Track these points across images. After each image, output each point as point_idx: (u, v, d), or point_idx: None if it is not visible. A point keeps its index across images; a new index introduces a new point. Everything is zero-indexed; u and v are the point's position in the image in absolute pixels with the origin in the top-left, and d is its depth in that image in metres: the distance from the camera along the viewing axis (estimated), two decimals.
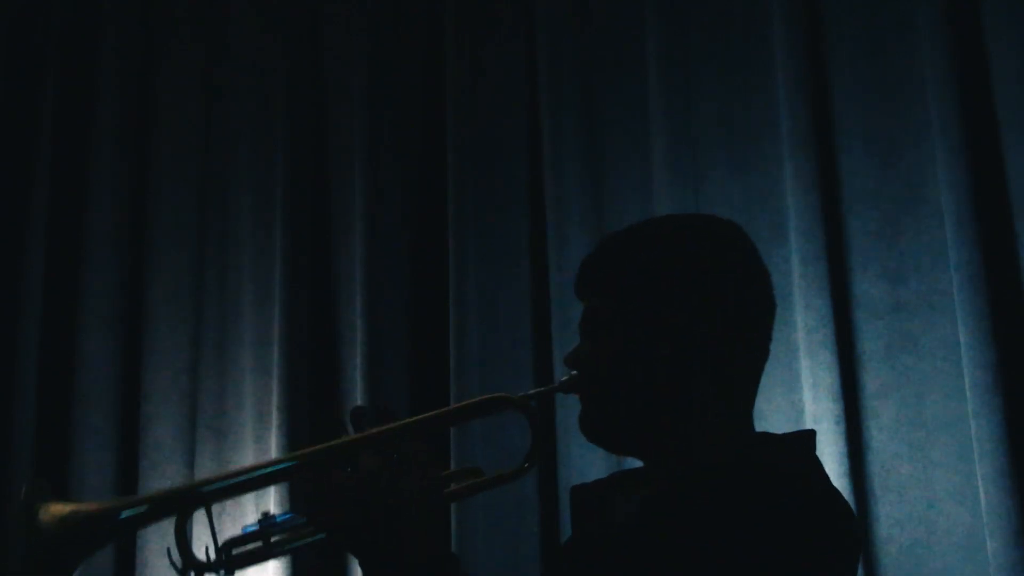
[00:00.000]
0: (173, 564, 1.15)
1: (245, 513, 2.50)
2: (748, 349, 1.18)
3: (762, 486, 1.05)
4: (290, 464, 1.19)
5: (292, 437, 2.60)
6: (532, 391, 1.24)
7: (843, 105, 2.26)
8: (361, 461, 1.11)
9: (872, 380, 2.13)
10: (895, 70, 2.24)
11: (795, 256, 2.19)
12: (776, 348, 2.14)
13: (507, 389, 2.42)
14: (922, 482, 2.05)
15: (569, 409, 2.24)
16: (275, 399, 2.63)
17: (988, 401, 1.96)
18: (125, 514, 1.20)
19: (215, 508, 1.18)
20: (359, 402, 2.55)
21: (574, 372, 1.19)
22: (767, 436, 1.20)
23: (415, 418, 1.19)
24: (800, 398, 2.12)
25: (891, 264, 2.15)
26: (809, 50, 2.27)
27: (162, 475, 2.74)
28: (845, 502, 1.13)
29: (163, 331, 2.84)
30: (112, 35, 2.99)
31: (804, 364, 2.13)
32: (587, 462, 2.28)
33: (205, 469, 2.71)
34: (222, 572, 1.16)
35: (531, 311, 2.51)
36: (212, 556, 1.15)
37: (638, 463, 1.27)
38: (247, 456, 2.70)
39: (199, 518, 1.20)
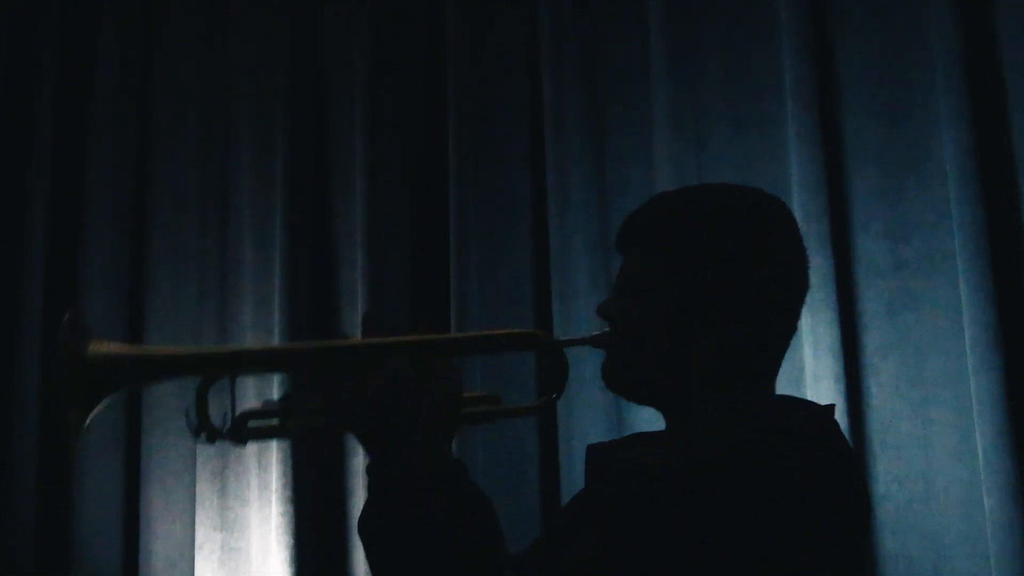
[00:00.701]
0: (189, 425, 1.17)
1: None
2: (780, 325, 1.20)
3: (781, 448, 1.07)
4: (329, 349, 1.21)
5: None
6: (564, 338, 1.25)
7: (847, 63, 2.24)
8: (393, 362, 1.14)
9: (872, 338, 2.13)
10: (900, 28, 2.22)
11: (798, 214, 2.16)
12: None
13: (508, 352, 2.45)
14: (921, 440, 2.06)
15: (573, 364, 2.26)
16: None
17: (988, 359, 1.96)
18: (160, 362, 1.22)
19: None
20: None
21: (606, 329, 1.21)
22: (788, 399, 1.23)
23: (449, 335, 1.24)
24: (800, 356, 2.12)
25: (893, 223, 2.15)
26: (813, 7, 2.25)
27: (165, 432, 2.76)
28: (860, 472, 1.15)
29: (165, 292, 2.85)
30: None
31: (805, 322, 2.13)
32: (588, 419, 2.30)
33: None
34: (234, 441, 1.18)
35: (532, 273, 2.51)
36: (228, 424, 1.17)
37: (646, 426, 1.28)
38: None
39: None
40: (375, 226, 2.61)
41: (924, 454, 2.06)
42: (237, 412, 1.18)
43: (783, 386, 1.24)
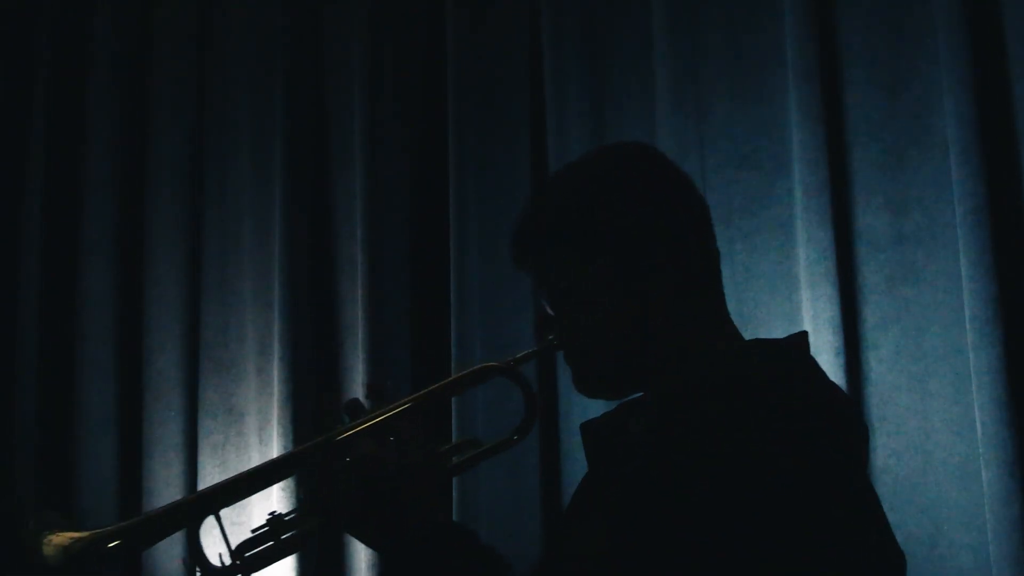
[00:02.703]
0: (187, 573, 1.17)
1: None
2: (697, 253, 1.19)
3: (760, 387, 1.06)
4: (288, 461, 1.23)
5: (294, 369, 2.62)
6: (517, 356, 1.25)
7: (849, 35, 2.22)
8: (359, 448, 1.14)
9: (872, 312, 2.13)
10: (901, 1, 2.20)
11: (798, 188, 2.18)
12: (777, 280, 2.20)
13: (506, 321, 2.46)
14: (920, 413, 2.07)
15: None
16: (276, 331, 2.64)
17: (988, 333, 1.96)
18: (132, 536, 1.21)
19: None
20: (360, 336, 2.56)
21: (551, 336, 1.21)
22: (761, 341, 1.22)
23: (408, 399, 1.21)
24: (800, 329, 2.12)
25: (894, 196, 2.14)
26: None
27: (166, 407, 2.77)
28: (845, 396, 1.14)
29: (163, 264, 2.84)
30: None
31: (805, 296, 2.14)
32: (590, 411, 2.30)
33: (209, 401, 2.74)
34: (239, 575, 1.19)
35: None
36: (227, 561, 1.18)
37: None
38: (250, 388, 2.72)
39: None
40: (374, 198, 2.60)
41: (923, 427, 2.06)
42: (232, 546, 1.19)
43: None
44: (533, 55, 2.56)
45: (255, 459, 2.69)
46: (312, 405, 2.61)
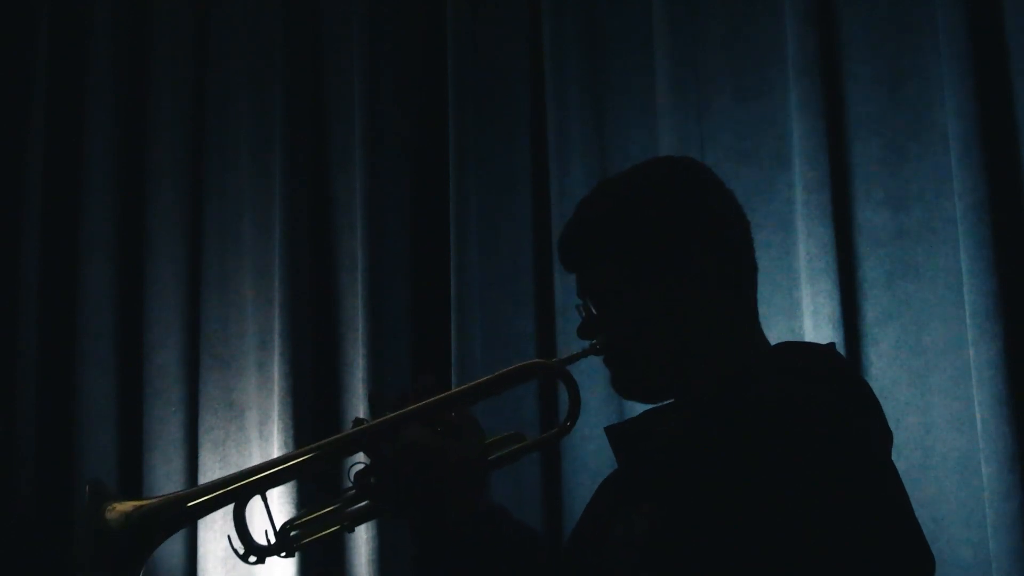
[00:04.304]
0: (235, 550, 1.19)
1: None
2: (739, 265, 1.25)
3: (795, 393, 1.09)
4: (341, 443, 1.22)
5: (295, 364, 2.62)
6: (563, 357, 1.27)
7: (849, 30, 2.22)
8: (407, 433, 1.15)
9: (872, 307, 2.13)
10: None
11: (798, 183, 2.17)
12: (777, 275, 2.19)
13: (507, 317, 2.46)
14: (920, 408, 2.07)
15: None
16: (277, 327, 2.64)
17: (988, 328, 1.96)
18: (188, 505, 1.22)
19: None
20: (361, 331, 2.56)
21: (595, 340, 1.24)
22: (793, 345, 1.28)
23: (455, 390, 1.24)
24: (800, 325, 2.12)
25: (895, 191, 2.14)
26: None
27: (166, 402, 2.77)
28: (872, 396, 1.17)
29: (164, 260, 2.84)
30: None
31: (805, 291, 2.14)
32: (591, 411, 2.30)
33: (209, 396, 2.74)
34: (283, 553, 1.20)
35: (532, 240, 2.50)
36: (272, 539, 1.19)
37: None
38: (250, 383, 2.73)
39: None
40: (375, 193, 2.60)
41: (923, 423, 2.06)
42: (277, 525, 1.20)
43: None
44: (533, 51, 2.55)
45: (255, 455, 2.69)
46: (312, 400, 2.62)
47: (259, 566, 1.23)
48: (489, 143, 2.55)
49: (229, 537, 1.18)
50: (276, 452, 2.58)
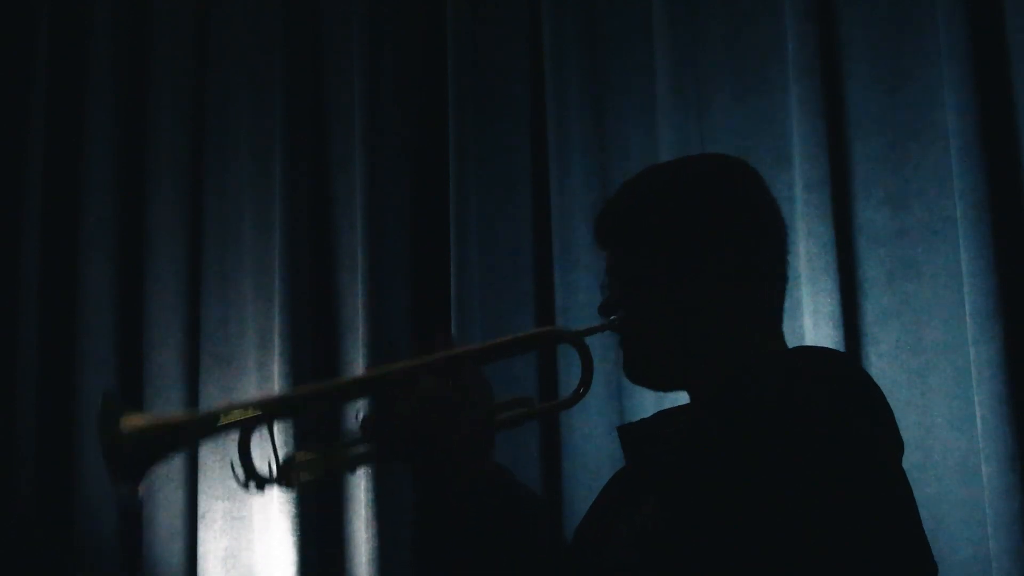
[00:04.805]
0: (236, 477, 1.20)
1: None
2: (770, 273, 1.25)
3: (792, 385, 1.09)
4: (352, 384, 1.24)
5: (294, 364, 2.62)
6: (582, 328, 1.28)
7: (849, 29, 2.22)
8: (422, 384, 1.16)
9: (873, 307, 2.13)
10: None
11: (798, 182, 2.17)
12: None
13: (507, 316, 2.46)
14: (920, 408, 2.07)
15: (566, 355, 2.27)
16: (277, 326, 2.64)
17: (988, 328, 1.96)
18: (198, 425, 1.27)
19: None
20: (361, 330, 2.56)
21: (615, 317, 1.25)
22: (807, 348, 1.30)
23: (472, 347, 1.25)
24: (800, 324, 2.12)
25: (895, 190, 2.14)
26: None
27: (166, 401, 2.77)
28: (883, 405, 1.16)
29: (163, 259, 2.84)
30: None
31: (805, 290, 2.13)
32: (591, 407, 2.30)
33: (209, 396, 2.74)
34: (282, 485, 1.22)
35: (532, 238, 2.50)
36: (273, 470, 1.20)
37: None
38: (250, 383, 2.73)
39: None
40: (375, 192, 2.60)
41: (923, 422, 2.06)
42: (281, 457, 1.21)
43: None
44: (533, 51, 2.55)
45: (256, 454, 2.68)
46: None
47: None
48: (489, 143, 2.55)
49: (232, 463, 1.20)
50: (276, 451, 2.58)
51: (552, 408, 1.31)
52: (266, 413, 1.22)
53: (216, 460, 2.71)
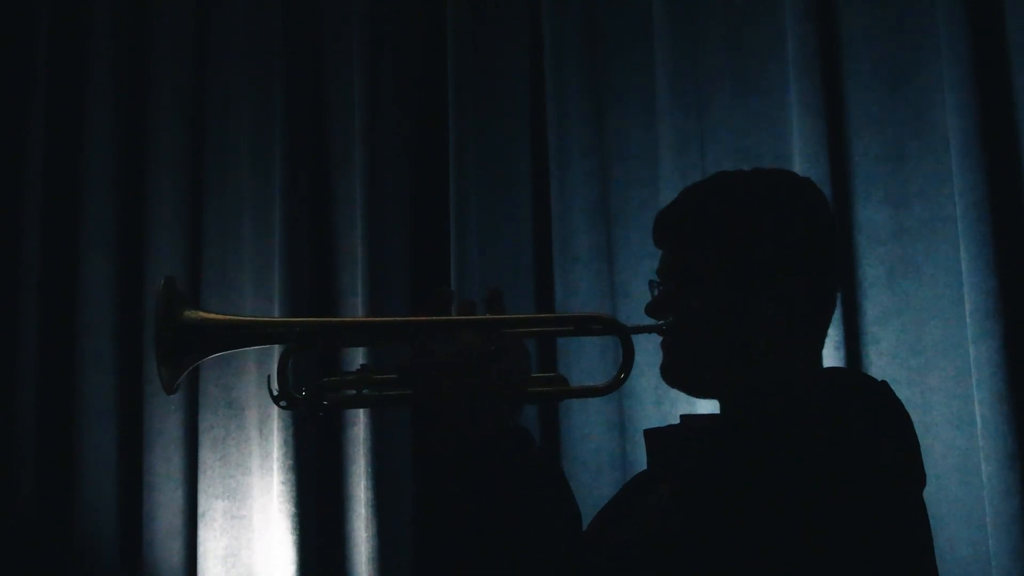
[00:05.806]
0: (271, 392, 1.22)
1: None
2: (822, 297, 1.25)
3: (812, 404, 1.11)
4: (400, 325, 1.25)
5: (294, 363, 2.61)
6: (631, 326, 1.27)
7: (849, 29, 2.22)
8: (463, 338, 1.17)
9: (873, 306, 2.13)
10: None
11: None
12: None
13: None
14: (920, 407, 2.07)
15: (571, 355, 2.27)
16: None
17: (988, 327, 1.96)
18: (251, 330, 1.30)
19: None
20: None
21: (665, 321, 1.25)
22: (839, 369, 1.29)
23: (519, 314, 1.26)
24: None
25: (895, 189, 2.14)
26: None
27: (167, 400, 2.76)
28: (907, 432, 1.16)
29: (163, 258, 2.84)
30: None
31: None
32: (591, 409, 2.30)
33: (209, 395, 2.74)
34: (311, 408, 1.23)
35: (532, 240, 2.50)
36: (305, 393, 1.23)
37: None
38: (250, 381, 2.73)
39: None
40: (375, 191, 2.60)
41: (923, 421, 2.06)
42: (316, 383, 1.23)
43: None
44: (533, 51, 2.55)
45: (256, 453, 2.69)
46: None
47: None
48: (489, 143, 2.55)
49: (268, 378, 1.23)
50: (276, 450, 2.59)
51: (585, 392, 1.32)
52: (315, 337, 1.24)
53: (216, 460, 2.71)
